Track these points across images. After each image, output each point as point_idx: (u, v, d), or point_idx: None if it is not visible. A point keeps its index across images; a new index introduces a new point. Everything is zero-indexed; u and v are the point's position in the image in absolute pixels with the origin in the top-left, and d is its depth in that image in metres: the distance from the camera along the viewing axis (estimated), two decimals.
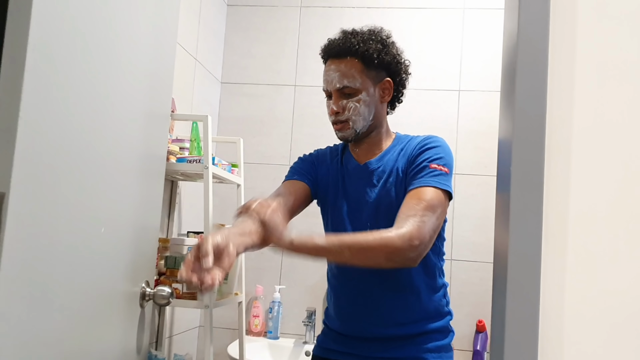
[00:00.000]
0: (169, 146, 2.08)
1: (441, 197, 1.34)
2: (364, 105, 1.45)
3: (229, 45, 2.99)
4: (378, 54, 1.45)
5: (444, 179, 1.37)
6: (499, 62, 2.79)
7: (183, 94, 2.49)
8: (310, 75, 2.93)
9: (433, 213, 1.31)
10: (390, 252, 1.25)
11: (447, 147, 1.46)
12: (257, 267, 2.85)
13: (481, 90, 2.81)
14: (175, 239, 2.05)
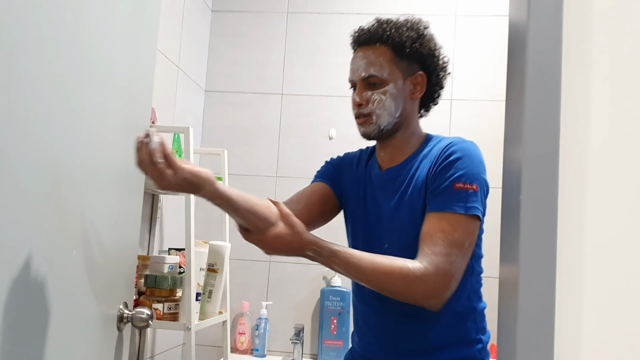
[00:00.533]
0: None
1: (468, 225, 1.21)
2: (390, 98, 1.31)
3: (214, 52, 2.90)
4: (412, 43, 1.31)
5: (471, 200, 1.21)
6: (493, 70, 2.75)
7: (165, 103, 2.39)
8: (297, 84, 2.84)
9: (460, 250, 1.18)
10: (411, 298, 1.18)
11: (474, 155, 1.28)
12: (243, 282, 2.75)
13: (474, 99, 2.73)
14: (155, 257, 1.94)
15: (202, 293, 2.11)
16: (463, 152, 1.26)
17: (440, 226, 1.18)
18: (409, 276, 1.14)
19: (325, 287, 2.63)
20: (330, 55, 2.83)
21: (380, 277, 1.16)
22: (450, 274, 1.16)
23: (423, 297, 1.17)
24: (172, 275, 1.91)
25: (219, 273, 2.13)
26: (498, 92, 2.71)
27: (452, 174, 1.23)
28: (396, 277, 1.15)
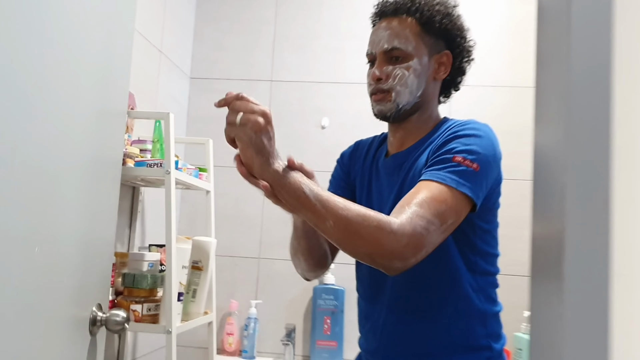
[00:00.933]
0: (126, 148, 1.83)
1: (457, 202, 1.06)
2: (414, 75, 1.20)
3: (199, 36, 2.74)
4: (441, 18, 1.21)
5: (467, 178, 1.07)
6: (493, 54, 2.60)
7: (146, 89, 2.23)
8: (287, 70, 2.69)
9: (441, 224, 1.04)
10: (375, 252, 1.01)
11: (488, 137, 1.14)
12: (231, 280, 2.60)
13: (474, 85, 2.59)
14: (134, 253, 1.80)
15: (186, 292, 1.97)
16: (475, 132, 1.14)
17: (429, 193, 1.05)
18: (384, 225, 0.99)
19: (318, 285, 2.49)
20: (323, 39, 2.68)
21: (354, 217, 0.99)
22: (424, 241, 1.02)
23: (389, 254, 1.01)
24: (151, 274, 1.77)
25: (203, 271, 1.99)
26: (499, 77, 2.58)
27: (455, 147, 1.11)
28: (371, 222, 0.99)
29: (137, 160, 1.77)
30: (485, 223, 1.20)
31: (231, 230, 2.62)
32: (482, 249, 1.21)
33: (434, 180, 1.07)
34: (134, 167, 1.75)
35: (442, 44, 1.24)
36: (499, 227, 1.26)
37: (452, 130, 1.16)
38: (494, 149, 1.14)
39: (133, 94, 2.00)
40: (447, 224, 1.05)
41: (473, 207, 1.10)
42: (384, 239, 0.99)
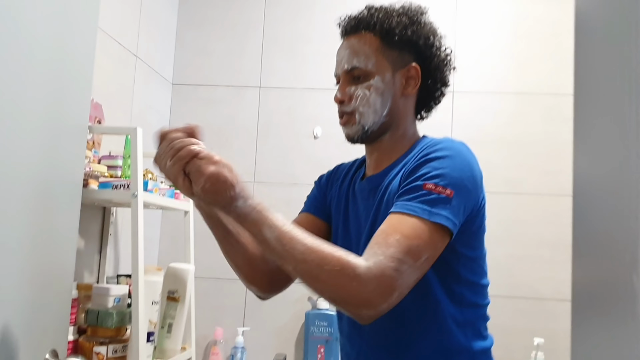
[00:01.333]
0: (90, 167, 1.63)
1: (432, 235, 0.98)
2: (375, 93, 1.13)
3: (181, 40, 2.53)
4: (402, 29, 1.13)
5: (440, 206, 0.99)
6: (498, 58, 2.40)
7: (119, 99, 2.03)
8: (277, 75, 2.49)
9: (414, 262, 0.95)
10: (339, 298, 0.95)
11: (460, 157, 1.05)
12: (216, 305, 2.39)
13: (478, 91, 2.39)
14: (98, 287, 1.59)
15: (161, 327, 1.77)
16: (446, 153, 1.05)
17: (398, 228, 0.98)
18: (347, 270, 0.92)
19: (311, 311, 2.28)
20: (314, 43, 2.48)
21: (314, 260, 0.92)
22: (395, 284, 0.94)
23: (355, 301, 0.94)
24: (118, 311, 1.56)
25: (180, 302, 1.78)
26: (504, 83, 2.38)
27: (426, 173, 1.03)
28: (333, 266, 0.92)
29: (102, 181, 1.57)
30: (469, 250, 1.11)
31: (216, 250, 2.40)
32: (468, 278, 1.12)
33: (404, 212, 1.00)
34: (98, 189, 1.55)
35: (408, 57, 1.16)
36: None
37: (423, 152, 1.07)
38: (470, 169, 1.05)
39: (100, 104, 1.80)
40: (421, 261, 0.97)
41: (451, 235, 1.02)
42: (348, 285, 0.93)
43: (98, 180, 1.57)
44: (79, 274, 1.79)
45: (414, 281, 0.98)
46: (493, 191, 2.33)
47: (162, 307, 1.77)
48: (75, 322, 1.58)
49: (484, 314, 1.16)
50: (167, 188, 1.77)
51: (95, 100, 1.79)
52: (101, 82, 1.85)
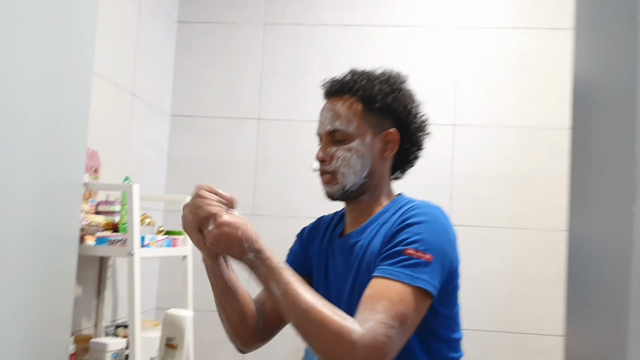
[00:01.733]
0: (87, 219, 1.62)
1: (415, 299, 1.03)
2: (356, 155, 1.18)
3: (180, 70, 2.51)
4: (384, 97, 1.19)
5: (420, 271, 1.04)
6: (500, 91, 2.38)
7: (115, 137, 2.01)
8: (276, 107, 2.47)
9: (401, 326, 1.00)
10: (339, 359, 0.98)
11: (436, 222, 1.11)
12: (214, 338, 2.37)
13: (479, 125, 2.37)
14: (95, 342, 1.58)
15: None
16: (424, 218, 1.11)
17: (383, 294, 1.03)
18: (343, 334, 0.96)
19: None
20: (314, 74, 2.45)
21: (315, 321, 0.97)
22: (386, 350, 0.98)
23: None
24: None
25: (178, 350, 1.77)
26: (506, 116, 2.36)
27: (406, 238, 1.08)
28: (331, 329, 0.96)
29: (99, 236, 1.56)
30: (446, 308, 1.16)
31: None
32: (445, 335, 1.18)
33: (388, 277, 1.04)
34: (94, 245, 1.54)
35: (388, 122, 1.21)
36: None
37: (402, 218, 1.13)
38: (446, 233, 1.12)
39: (96, 152, 1.78)
40: (407, 325, 1.02)
41: (432, 297, 1.07)
42: (343, 349, 0.96)
43: (94, 235, 1.56)
44: (77, 320, 1.79)
45: (402, 345, 1.02)
46: (495, 226, 2.33)
47: (161, 354, 1.77)
48: None
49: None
50: (165, 238, 1.76)
51: (91, 145, 1.78)
52: (97, 125, 1.84)
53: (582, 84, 0.58)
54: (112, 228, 1.71)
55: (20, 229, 1.17)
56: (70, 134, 1.38)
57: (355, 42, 2.46)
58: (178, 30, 2.52)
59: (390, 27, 2.45)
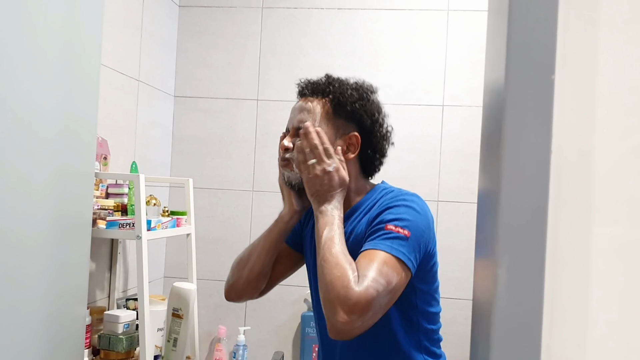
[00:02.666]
0: (98, 203, 1.77)
1: (397, 266, 1.13)
2: None
3: (182, 52, 2.63)
4: (352, 103, 1.28)
5: (400, 244, 1.15)
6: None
7: (122, 122, 2.15)
8: (274, 88, 2.58)
9: (387, 285, 1.11)
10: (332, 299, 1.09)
11: (416, 206, 1.22)
12: (219, 304, 2.58)
13: (468, 105, 2.48)
14: (109, 314, 1.76)
15: (167, 341, 1.94)
16: (404, 202, 1.23)
17: (371, 259, 1.13)
18: (344, 278, 1.09)
19: (306, 312, 2.46)
20: (311, 56, 2.57)
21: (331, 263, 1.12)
22: (372, 303, 1.08)
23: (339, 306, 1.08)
24: (127, 336, 1.74)
25: (184, 319, 1.95)
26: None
27: (387, 218, 1.20)
28: (338, 271, 1.10)
29: (110, 219, 1.71)
30: (425, 284, 1.27)
31: (219, 254, 2.58)
32: (423, 309, 1.28)
33: (372, 248, 1.15)
34: (105, 229, 1.70)
35: (352, 127, 1.30)
36: None
37: (384, 204, 1.24)
38: (423, 216, 1.22)
39: (105, 140, 1.93)
40: (392, 286, 1.11)
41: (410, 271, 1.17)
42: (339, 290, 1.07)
43: (105, 219, 1.71)
44: (91, 292, 1.96)
45: (385, 305, 1.12)
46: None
47: (168, 322, 1.95)
48: (89, 345, 1.76)
49: (438, 337, 1.35)
50: (170, 220, 1.92)
51: (100, 132, 1.92)
52: (105, 113, 1.98)
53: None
54: (121, 209, 1.87)
55: (40, 216, 1.30)
56: (82, 128, 1.49)
57: (350, 24, 2.55)
58: (180, 14, 2.62)
59: (383, 11, 2.53)
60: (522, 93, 0.54)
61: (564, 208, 0.55)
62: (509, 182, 0.54)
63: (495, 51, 0.60)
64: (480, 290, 0.66)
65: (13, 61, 1.17)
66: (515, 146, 0.54)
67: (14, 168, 1.20)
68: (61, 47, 1.36)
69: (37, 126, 1.28)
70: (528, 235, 0.54)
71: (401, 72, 2.51)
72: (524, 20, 0.54)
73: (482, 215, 0.68)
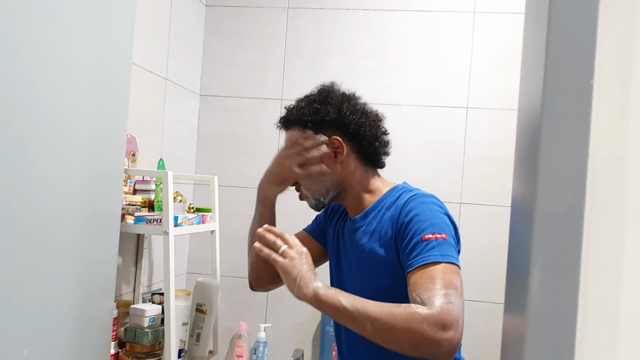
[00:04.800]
0: (126, 199, 1.81)
1: (452, 269, 1.14)
2: (313, 177, 1.33)
3: (208, 52, 2.66)
4: (315, 115, 1.33)
5: (445, 248, 1.15)
6: (514, 75, 2.48)
7: (150, 120, 2.19)
8: (298, 88, 2.58)
9: (456, 290, 1.10)
10: (419, 342, 1.05)
11: (431, 207, 1.23)
12: (241, 301, 2.60)
13: (492, 107, 2.48)
14: (135, 308, 1.79)
15: (190, 336, 1.98)
16: (419, 208, 1.22)
17: (426, 276, 1.12)
18: (415, 315, 1.05)
19: None
20: (335, 57, 2.58)
21: (386, 316, 1.07)
22: (455, 314, 1.07)
23: (431, 340, 1.05)
24: (153, 330, 1.77)
25: (207, 314, 1.98)
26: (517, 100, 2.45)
27: (417, 229, 1.19)
28: (402, 315, 1.06)
29: (137, 215, 1.75)
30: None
31: (241, 251, 2.60)
32: None
33: (423, 264, 1.13)
34: (133, 224, 1.73)
35: (330, 132, 1.31)
36: None
37: (403, 215, 1.22)
38: (444, 215, 1.23)
39: (134, 137, 1.96)
40: (459, 291, 1.11)
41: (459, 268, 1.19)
42: (419, 327, 1.04)
43: (133, 215, 1.75)
44: (118, 286, 2.00)
45: (463, 308, 1.11)
46: (503, 205, 2.46)
47: (191, 317, 1.98)
48: (115, 337, 1.80)
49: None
50: (195, 216, 1.95)
51: (129, 130, 1.95)
52: (134, 111, 2.01)
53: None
54: (148, 205, 1.90)
55: (72, 211, 1.33)
56: (113, 125, 1.53)
57: (375, 25, 2.56)
58: (207, 14, 2.66)
59: (409, 12, 2.54)
60: (561, 98, 0.55)
61: (598, 211, 0.56)
62: (545, 185, 0.56)
63: (532, 55, 0.61)
64: (513, 291, 0.67)
65: (49, 60, 1.21)
66: (552, 150, 0.55)
67: (48, 164, 1.23)
68: (94, 46, 1.40)
69: (70, 123, 1.31)
70: (563, 236, 0.55)
71: (426, 74, 2.52)
72: (564, 26, 0.55)
73: (517, 216, 0.69)
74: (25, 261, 1.17)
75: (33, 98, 1.16)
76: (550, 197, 0.55)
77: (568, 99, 0.55)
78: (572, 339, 0.55)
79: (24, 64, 1.13)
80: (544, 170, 0.55)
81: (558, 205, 0.55)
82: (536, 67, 0.58)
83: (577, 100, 0.55)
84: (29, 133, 1.16)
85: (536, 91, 0.58)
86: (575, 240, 0.55)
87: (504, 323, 0.70)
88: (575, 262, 0.55)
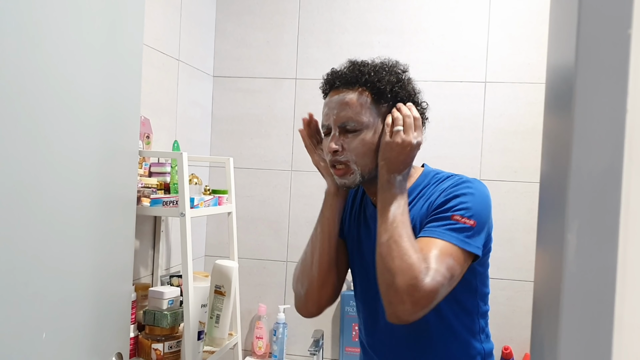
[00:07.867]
0: (142, 182, 1.79)
1: (462, 257, 1.14)
2: (369, 146, 1.22)
3: (220, 32, 2.63)
4: (392, 87, 1.24)
5: (466, 235, 1.15)
6: (532, 47, 2.42)
7: (163, 102, 2.17)
8: (312, 67, 2.57)
9: (450, 277, 1.12)
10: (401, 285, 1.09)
11: (481, 194, 1.21)
12: (260, 282, 2.60)
13: (511, 81, 2.42)
14: (153, 291, 1.78)
15: (210, 317, 1.97)
16: (469, 190, 1.21)
17: (438, 247, 1.14)
18: (415, 267, 1.09)
19: (345, 291, 2.46)
20: (349, 34, 2.54)
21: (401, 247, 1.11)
22: (435, 296, 1.10)
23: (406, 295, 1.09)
24: (172, 312, 1.76)
25: (226, 296, 1.97)
26: (537, 72, 2.40)
27: (453, 206, 1.19)
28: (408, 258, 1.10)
29: (153, 197, 1.73)
30: (482, 267, 1.29)
31: (258, 233, 2.59)
32: (482, 291, 1.31)
33: (437, 238, 1.14)
34: (149, 206, 1.72)
35: (389, 103, 1.26)
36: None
37: (449, 191, 1.21)
38: (488, 204, 1.22)
39: (148, 119, 1.94)
40: (454, 278, 1.13)
41: (475, 257, 1.19)
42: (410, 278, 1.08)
43: (149, 197, 1.73)
44: (135, 269, 1.99)
45: (445, 295, 1.13)
46: (523, 180, 2.41)
47: (210, 299, 1.97)
48: (134, 320, 1.79)
49: (488, 318, 1.35)
50: (212, 198, 1.93)
51: (143, 112, 1.94)
52: (147, 93, 1.99)
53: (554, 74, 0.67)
54: (164, 188, 1.89)
55: (88, 195, 1.33)
56: (126, 107, 1.52)
57: (389, 1, 2.51)
58: None
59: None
60: (596, 49, 0.51)
61: (637, 170, 0.52)
62: (581, 144, 0.52)
63: (564, 4, 0.57)
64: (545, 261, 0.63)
65: (59, 42, 1.19)
66: (587, 106, 0.52)
67: (63, 147, 1.22)
68: (106, 28, 1.38)
69: (83, 106, 1.30)
70: (601, 198, 0.52)
71: (442, 49, 2.46)
72: None
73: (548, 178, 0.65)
74: (42, 246, 1.16)
75: (46, 82, 1.15)
76: (586, 156, 0.52)
77: (603, 50, 0.51)
78: (611, 307, 0.52)
79: (35, 48, 1.11)
80: (579, 128, 0.52)
81: (595, 165, 0.52)
82: (568, 17, 0.54)
83: (614, 51, 0.51)
84: (43, 118, 1.14)
85: (569, 43, 0.54)
86: (614, 201, 0.52)
87: (535, 294, 0.67)
88: (613, 225, 0.52)
